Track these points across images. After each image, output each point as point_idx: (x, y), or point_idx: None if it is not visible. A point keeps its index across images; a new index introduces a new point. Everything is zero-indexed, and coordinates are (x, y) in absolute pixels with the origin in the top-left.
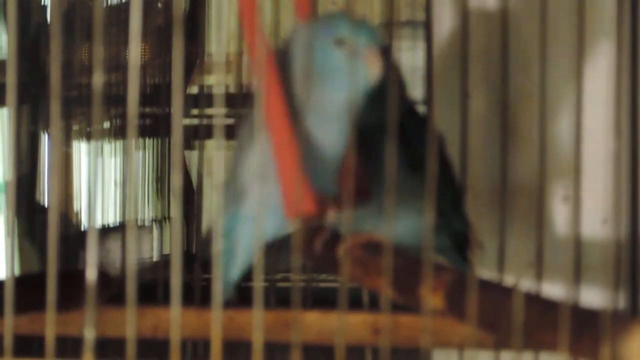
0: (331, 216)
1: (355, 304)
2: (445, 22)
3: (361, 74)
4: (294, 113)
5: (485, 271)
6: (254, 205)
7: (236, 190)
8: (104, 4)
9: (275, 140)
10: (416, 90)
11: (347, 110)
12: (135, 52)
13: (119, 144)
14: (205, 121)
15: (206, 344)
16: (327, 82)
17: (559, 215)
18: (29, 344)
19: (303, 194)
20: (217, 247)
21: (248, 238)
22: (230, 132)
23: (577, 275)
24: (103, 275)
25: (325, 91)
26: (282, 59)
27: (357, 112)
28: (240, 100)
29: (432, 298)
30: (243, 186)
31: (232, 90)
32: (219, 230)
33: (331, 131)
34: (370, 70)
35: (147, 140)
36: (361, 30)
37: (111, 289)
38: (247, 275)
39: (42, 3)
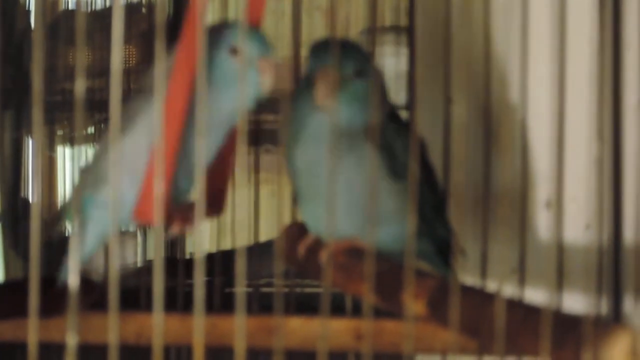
0: (175, 230)
1: (338, 309)
2: (428, 27)
3: (254, 83)
4: (187, 117)
5: (467, 277)
6: (110, 193)
7: (100, 175)
8: (88, 10)
9: (163, 140)
10: (399, 96)
11: (230, 119)
12: (117, 57)
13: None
14: None
15: (189, 350)
16: (219, 90)
17: (542, 221)
18: (12, 350)
19: (158, 201)
20: (74, 228)
21: (97, 225)
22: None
23: (560, 281)
24: (85, 281)
25: (215, 99)
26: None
27: (233, 123)
28: None
29: (414, 304)
30: (104, 172)
31: None
32: (74, 211)
33: (208, 138)
34: (263, 80)
35: None
36: (255, 39)
37: (94, 295)
38: (230, 281)
39: (27, 8)
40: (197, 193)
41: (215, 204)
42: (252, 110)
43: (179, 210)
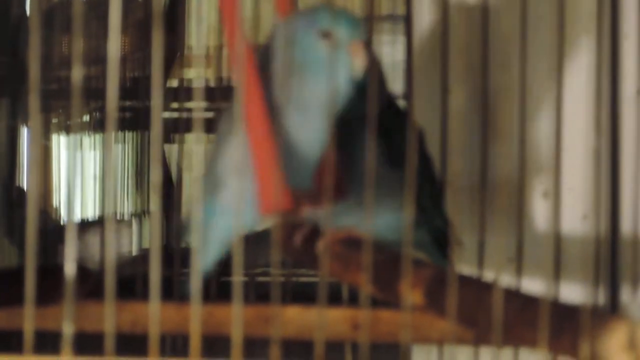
0: (306, 212)
1: (334, 299)
2: (425, 16)
3: (345, 67)
4: (273, 108)
5: (465, 267)
6: (229, 198)
7: (213, 182)
8: None
9: (253, 135)
10: (396, 85)
11: (329, 104)
12: (114, 45)
13: (98, 137)
14: (184, 115)
15: (185, 339)
16: (310, 75)
17: (539, 211)
18: (7, 339)
19: (278, 189)
20: (195, 240)
21: (222, 230)
22: (210, 126)
23: (557, 271)
24: (82, 269)
25: (307, 85)
26: (264, 55)
27: (339, 107)
28: (219, 94)
29: (411, 294)
30: (220, 178)
31: (211, 83)
32: (196, 221)
33: (311, 126)
34: (355, 63)
35: (126, 133)
36: (345, 22)
37: (90, 283)
38: (227, 270)
39: None
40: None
41: (338, 188)
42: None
43: (305, 195)
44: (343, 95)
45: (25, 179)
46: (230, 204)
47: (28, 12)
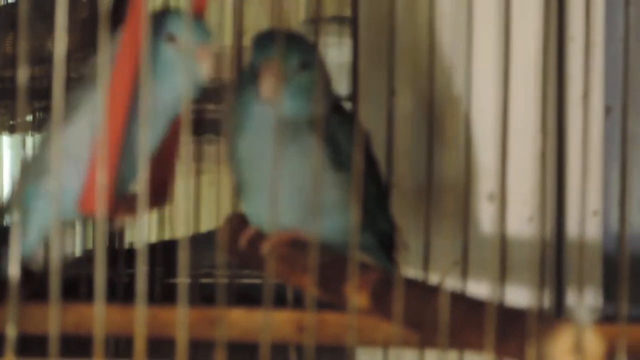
0: (120, 220)
1: (279, 301)
2: (372, 18)
3: (192, 72)
4: (131, 107)
5: (410, 270)
6: (52, 184)
7: (41, 166)
8: None
9: (108, 130)
10: (342, 87)
11: (171, 108)
12: (61, 45)
13: (42, 137)
14: None
15: (128, 340)
16: (158, 78)
17: (485, 213)
18: None
19: (103, 192)
20: (15, 219)
21: (42, 214)
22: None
23: (503, 274)
24: (25, 271)
25: (155, 88)
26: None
27: (175, 113)
28: None
29: (357, 296)
30: (46, 162)
31: None
32: (18, 202)
33: (149, 128)
34: (202, 68)
35: None
36: (193, 27)
37: (33, 285)
38: (172, 272)
39: None
40: (140, 183)
41: (160, 194)
42: (195, 100)
43: (123, 200)
44: (187, 99)
45: None
46: (50, 190)
47: None
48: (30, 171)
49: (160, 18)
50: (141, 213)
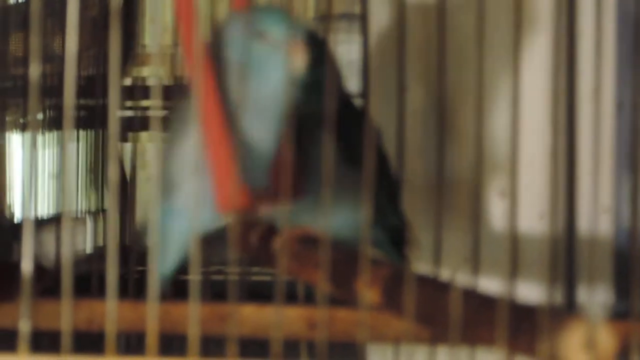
0: (263, 210)
1: (290, 297)
2: (382, 15)
3: (284, 66)
4: (227, 107)
5: (421, 265)
6: (185, 199)
7: (167, 184)
8: None
9: (208, 134)
10: (353, 83)
11: (276, 103)
12: (72, 43)
13: (53, 135)
14: (139, 113)
15: (140, 336)
16: (251, 76)
17: (496, 210)
18: None
19: (235, 188)
20: (153, 240)
21: (179, 231)
22: (166, 125)
23: (514, 270)
24: (38, 267)
25: (251, 85)
26: (214, 52)
27: (288, 105)
28: (174, 92)
29: (368, 292)
30: (174, 179)
31: (166, 82)
32: (154, 223)
33: (261, 125)
34: (294, 61)
35: (81, 132)
36: (281, 22)
37: (46, 281)
38: (183, 269)
39: None
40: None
41: (295, 185)
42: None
43: (262, 194)
44: (287, 93)
45: None
46: (185, 205)
47: None
48: (158, 193)
49: (248, 16)
50: (282, 202)
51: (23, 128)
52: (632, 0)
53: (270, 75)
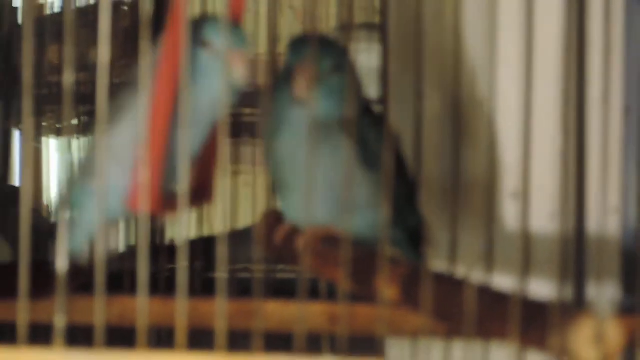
0: (170, 217)
1: (312, 294)
2: (400, 25)
3: (224, 75)
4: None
5: (437, 263)
6: (99, 183)
7: (88, 167)
8: (73, 7)
9: (150, 132)
10: (372, 90)
11: (211, 110)
12: (104, 52)
13: (87, 140)
14: None
15: (169, 331)
16: (195, 82)
17: (509, 210)
18: (1, 331)
19: (150, 191)
20: (62, 216)
21: (89, 212)
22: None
23: (526, 268)
24: (72, 265)
25: (193, 92)
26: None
27: (223, 113)
28: None
29: (387, 289)
30: (94, 164)
31: None
32: (65, 200)
33: (192, 132)
34: (236, 72)
35: None
36: (228, 32)
37: (80, 278)
38: (211, 266)
39: (13, 5)
40: (182, 182)
41: (202, 194)
42: (232, 104)
43: (170, 199)
44: (224, 102)
45: (17, 179)
46: (98, 190)
47: (20, 22)
48: (78, 172)
49: (197, 25)
50: (183, 210)
51: (58, 133)
52: (639, 10)
53: (209, 82)
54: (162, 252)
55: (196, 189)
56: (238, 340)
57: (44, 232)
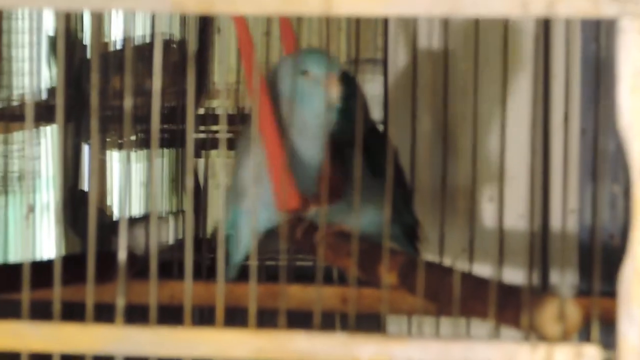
0: (311, 211)
1: (327, 279)
2: (399, 60)
3: (323, 97)
4: (282, 129)
5: (428, 255)
6: (251, 202)
7: (236, 191)
8: (132, 44)
9: (268, 150)
10: (376, 113)
11: (318, 126)
12: (157, 81)
13: (143, 153)
14: (210, 136)
15: (210, 310)
16: (299, 106)
17: (487, 211)
18: (72, 310)
19: (290, 193)
20: (222, 236)
21: (247, 228)
22: (230, 144)
23: (501, 258)
24: (131, 255)
25: (299, 113)
26: (270, 86)
27: (329, 128)
28: (238, 119)
29: (388, 275)
30: (241, 187)
31: (231, 111)
32: (224, 223)
33: (309, 144)
34: (330, 93)
35: (165, 150)
36: (320, 61)
37: (137, 266)
38: (245, 257)
39: (83, 42)
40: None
41: (335, 191)
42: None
43: (311, 197)
44: (326, 118)
45: (86, 184)
46: (251, 207)
47: (88, 56)
48: (230, 197)
49: (295, 58)
50: (324, 203)
51: (119, 147)
52: (593, 48)
53: (312, 104)
54: (204, 244)
55: (329, 189)
56: (266, 317)
57: (108, 228)
